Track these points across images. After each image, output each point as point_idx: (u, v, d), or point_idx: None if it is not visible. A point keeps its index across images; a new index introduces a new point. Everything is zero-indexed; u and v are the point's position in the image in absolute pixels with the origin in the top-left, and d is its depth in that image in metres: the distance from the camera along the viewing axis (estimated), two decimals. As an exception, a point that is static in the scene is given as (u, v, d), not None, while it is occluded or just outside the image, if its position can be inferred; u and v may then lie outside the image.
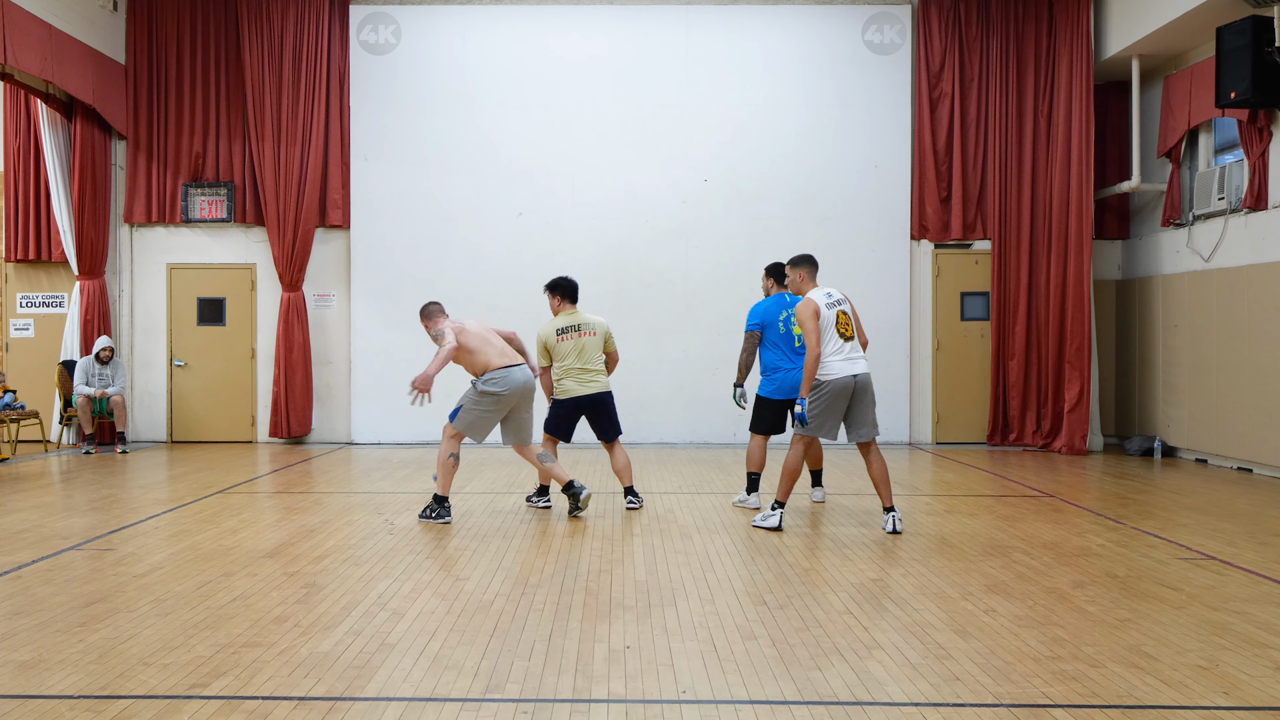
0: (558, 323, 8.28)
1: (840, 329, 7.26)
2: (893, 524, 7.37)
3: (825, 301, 7.29)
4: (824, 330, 7.22)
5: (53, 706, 4.01)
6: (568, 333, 8.23)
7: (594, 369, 8.26)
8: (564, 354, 8.19)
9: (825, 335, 7.21)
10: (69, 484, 10.14)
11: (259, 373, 13.70)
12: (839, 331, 7.25)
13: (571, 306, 8.40)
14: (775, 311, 8.25)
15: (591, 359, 8.25)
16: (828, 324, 7.24)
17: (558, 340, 8.20)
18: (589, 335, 8.26)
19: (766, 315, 8.26)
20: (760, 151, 13.50)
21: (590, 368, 8.24)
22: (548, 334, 8.23)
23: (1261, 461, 10.63)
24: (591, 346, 8.25)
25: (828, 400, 7.22)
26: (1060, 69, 12.99)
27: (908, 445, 13.31)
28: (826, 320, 7.23)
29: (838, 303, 7.34)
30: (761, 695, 4.16)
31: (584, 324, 8.30)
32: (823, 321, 7.22)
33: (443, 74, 13.54)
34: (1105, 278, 13.78)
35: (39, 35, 11.40)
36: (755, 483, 8.47)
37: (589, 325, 8.30)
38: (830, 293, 7.37)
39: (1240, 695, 4.18)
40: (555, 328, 8.24)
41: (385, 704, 4.06)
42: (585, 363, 8.22)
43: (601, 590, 5.80)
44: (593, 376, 8.24)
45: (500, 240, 13.52)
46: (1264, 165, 10.62)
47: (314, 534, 7.39)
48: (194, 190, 13.57)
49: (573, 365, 8.19)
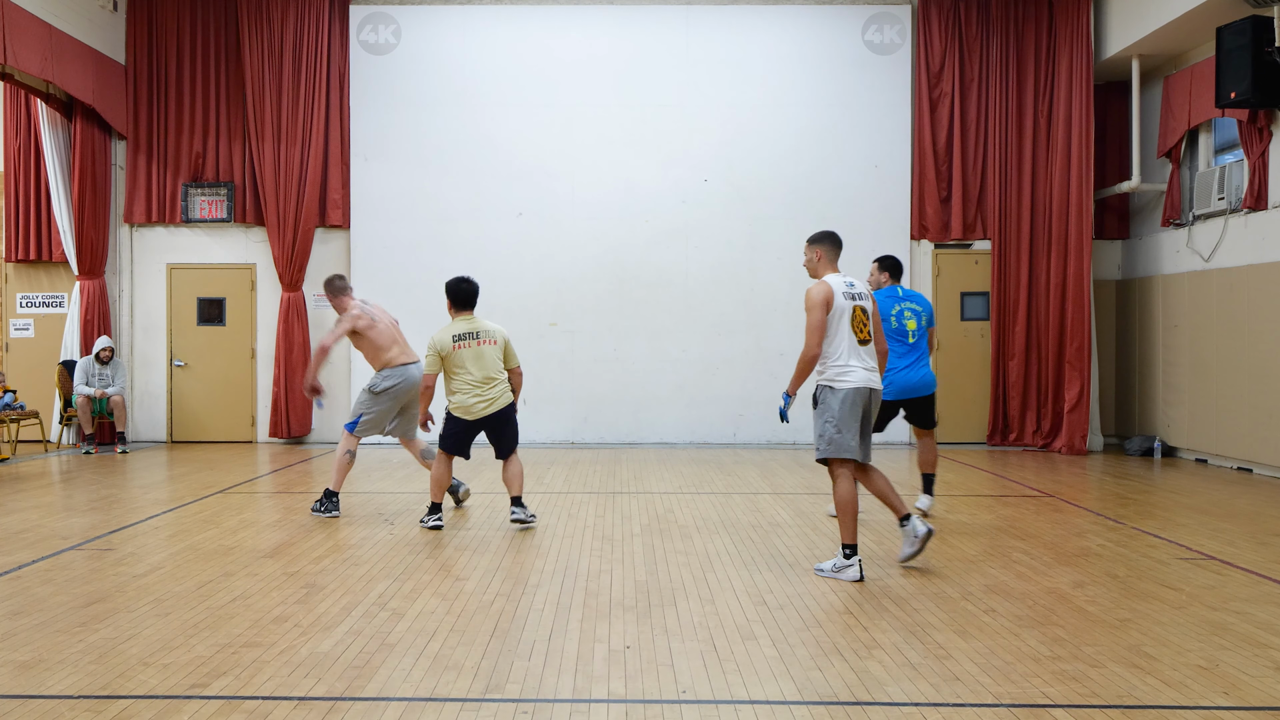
0: (453, 329, 7.49)
1: (855, 327, 6.07)
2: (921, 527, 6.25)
3: (844, 291, 6.09)
4: (835, 324, 6.03)
5: (53, 706, 4.01)
6: (465, 340, 7.46)
7: (497, 379, 7.52)
8: (461, 363, 7.43)
9: (835, 331, 6.04)
10: (69, 484, 10.14)
11: (259, 373, 13.70)
12: (854, 330, 6.07)
13: (468, 313, 7.59)
14: (887, 305, 7.68)
15: (492, 369, 7.49)
16: (840, 317, 6.04)
17: (454, 348, 7.42)
18: (488, 344, 7.50)
19: (881, 309, 7.57)
20: (760, 151, 13.50)
21: (494, 377, 7.50)
22: (442, 340, 7.44)
23: (1261, 461, 10.63)
24: (491, 356, 7.50)
25: (846, 409, 6.02)
26: (1060, 69, 12.99)
27: (908, 445, 13.31)
28: (840, 312, 6.04)
29: (857, 296, 6.14)
30: (761, 695, 4.16)
31: (482, 331, 7.52)
32: (834, 313, 6.03)
33: (443, 74, 13.54)
34: (1105, 278, 13.78)
35: (39, 35, 11.40)
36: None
37: (488, 333, 7.53)
38: (852, 283, 6.17)
39: (1240, 695, 4.18)
40: (451, 334, 7.46)
41: (385, 704, 4.06)
42: (486, 373, 7.47)
43: (601, 590, 5.80)
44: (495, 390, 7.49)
45: (500, 240, 13.52)
46: (1264, 165, 10.61)
47: (314, 534, 7.39)
48: (194, 190, 13.57)
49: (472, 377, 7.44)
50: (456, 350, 7.41)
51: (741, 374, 13.35)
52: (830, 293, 6.05)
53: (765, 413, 13.23)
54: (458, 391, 7.47)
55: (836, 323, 6.05)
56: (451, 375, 7.48)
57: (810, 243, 6.35)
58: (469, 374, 7.43)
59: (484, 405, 7.47)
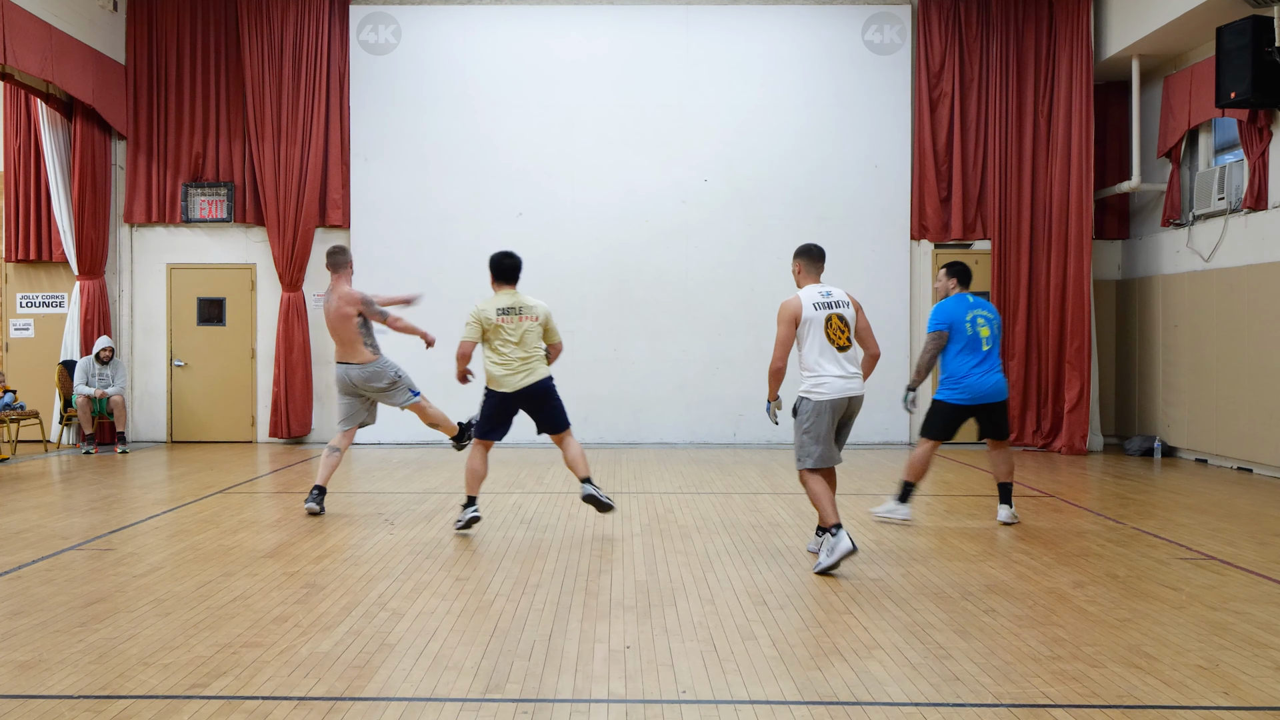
0: (497, 302, 7.39)
1: (832, 335, 6.22)
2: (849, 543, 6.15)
3: (815, 301, 6.26)
4: (808, 336, 6.21)
5: (53, 706, 4.01)
6: (508, 314, 7.35)
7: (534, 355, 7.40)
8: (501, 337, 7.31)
9: (810, 342, 6.22)
10: (69, 484, 10.14)
11: (259, 373, 13.69)
12: (829, 338, 6.21)
13: (511, 287, 7.50)
14: (959, 312, 7.61)
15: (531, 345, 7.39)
16: (813, 328, 6.21)
17: (497, 322, 7.31)
18: (529, 319, 7.39)
19: (953, 315, 7.59)
20: (760, 151, 13.50)
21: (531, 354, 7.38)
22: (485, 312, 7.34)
23: (1261, 461, 10.63)
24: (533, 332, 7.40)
25: (817, 417, 6.20)
26: (1060, 69, 12.99)
27: (908, 445, 13.31)
28: (812, 323, 6.21)
29: (834, 305, 6.28)
30: (761, 695, 4.16)
31: (524, 306, 7.41)
32: (805, 326, 6.22)
33: (443, 74, 13.54)
34: (1105, 278, 13.78)
35: (39, 35, 11.40)
36: (909, 492, 7.79)
37: (530, 309, 7.42)
38: (828, 292, 6.33)
39: (1240, 695, 4.18)
40: (495, 306, 7.36)
41: (385, 704, 4.06)
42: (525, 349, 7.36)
43: (601, 590, 5.80)
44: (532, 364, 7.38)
45: (500, 240, 13.33)
46: (1264, 165, 10.62)
47: (314, 534, 7.39)
48: (194, 190, 13.57)
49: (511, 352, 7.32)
50: (500, 324, 7.30)
51: (741, 374, 13.34)
52: (799, 306, 6.26)
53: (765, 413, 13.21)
54: (496, 364, 7.34)
55: (809, 333, 6.24)
56: (490, 349, 7.35)
57: (793, 257, 6.56)
58: (508, 348, 7.30)
59: (520, 378, 7.31)
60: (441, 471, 10.42)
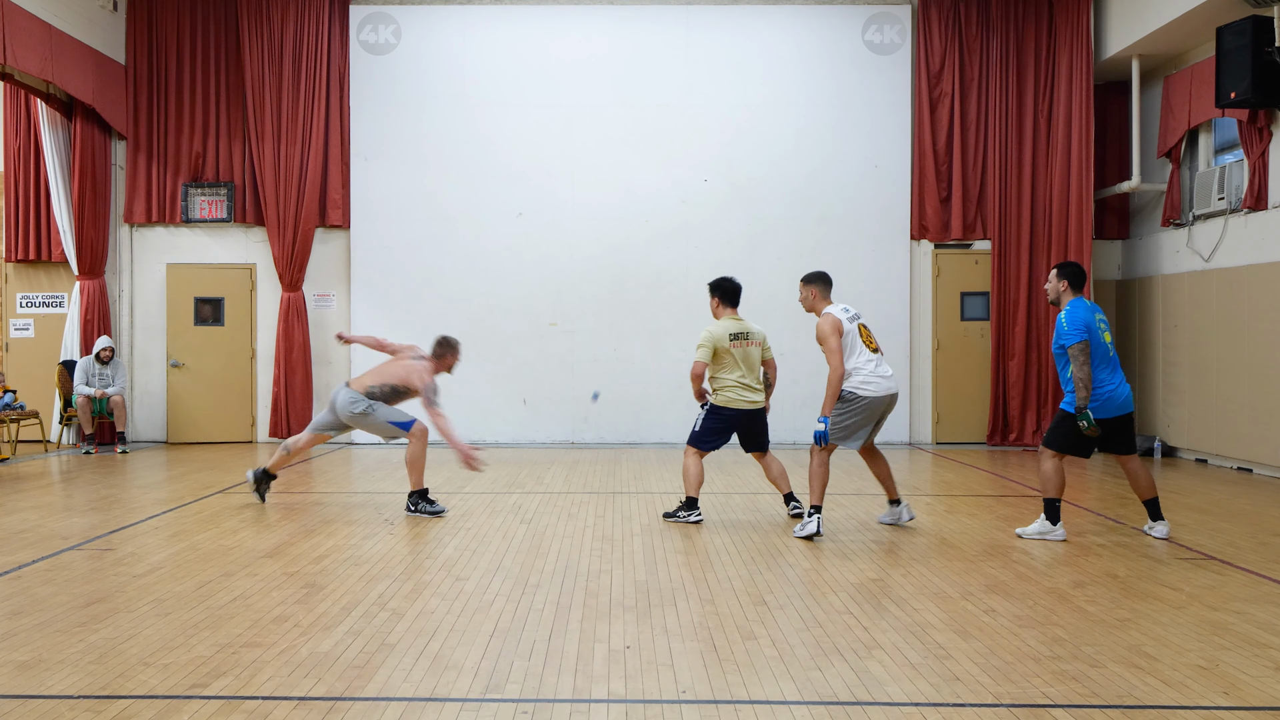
0: (730, 327, 7.79)
1: (866, 342, 7.17)
2: (908, 512, 7.59)
3: (846, 317, 7.20)
4: (851, 345, 7.11)
5: (53, 706, 4.01)
6: (738, 340, 7.75)
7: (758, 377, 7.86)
8: (733, 360, 7.72)
9: (853, 350, 7.10)
10: (69, 484, 10.14)
11: (259, 373, 13.70)
12: (866, 344, 7.16)
13: (733, 310, 7.94)
14: (1089, 317, 7.01)
15: (754, 370, 7.83)
16: (853, 338, 7.14)
17: (731, 345, 7.72)
18: (755, 345, 7.81)
19: (1089, 320, 6.99)
20: (760, 151, 13.50)
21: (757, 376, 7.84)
22: (719, 335, 7.74)
23: (1261, 461, 10.63)
24: (755, 356, 7.82)
25: (863, 414, 7.11)
26: (1060, 69, 12.99)
27: (908, 445, 13.31)
28: (851, 335, 7.14)
29: (855, 316, 7.26)
30: (761, 695, 4.16)
31: (752, 332, 7.83)
32: (847, 337, 7.12)
33: (443, 74, 13.54)
34: (1105, 278, 13.78)
35: (39, 35, 11.40)
36: (1055, 510, 7.18)
37: (754, 335, 7.84)
38: (846, 308, 7.29)
39: (1240, 695, 4.18)
40: (728, 332, 7.76)
41: (385, 704, 4.06)
42: (753, 372, 7.80)
43: (601, 590, 5.80)
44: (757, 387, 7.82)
45: (500, 240, 13.52)
46: (1264, 165, 10.62)
47: (314, 534, 7.39)
48: (194, 190, 13.57)
49: (740, 377, 7.73)
50: (733, 348, 7.74)
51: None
52: (838, 321, 7.14)
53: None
54: (726, 387, 7.76)
55: (851, 343, 7.12)
56: (721, 370, 7.77)
57: (805, 283, 7.40)
58: (738, 370, 7.74)
59: (747, 402, 7.77)
60: (441, 471, 10.42)
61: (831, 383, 7.04)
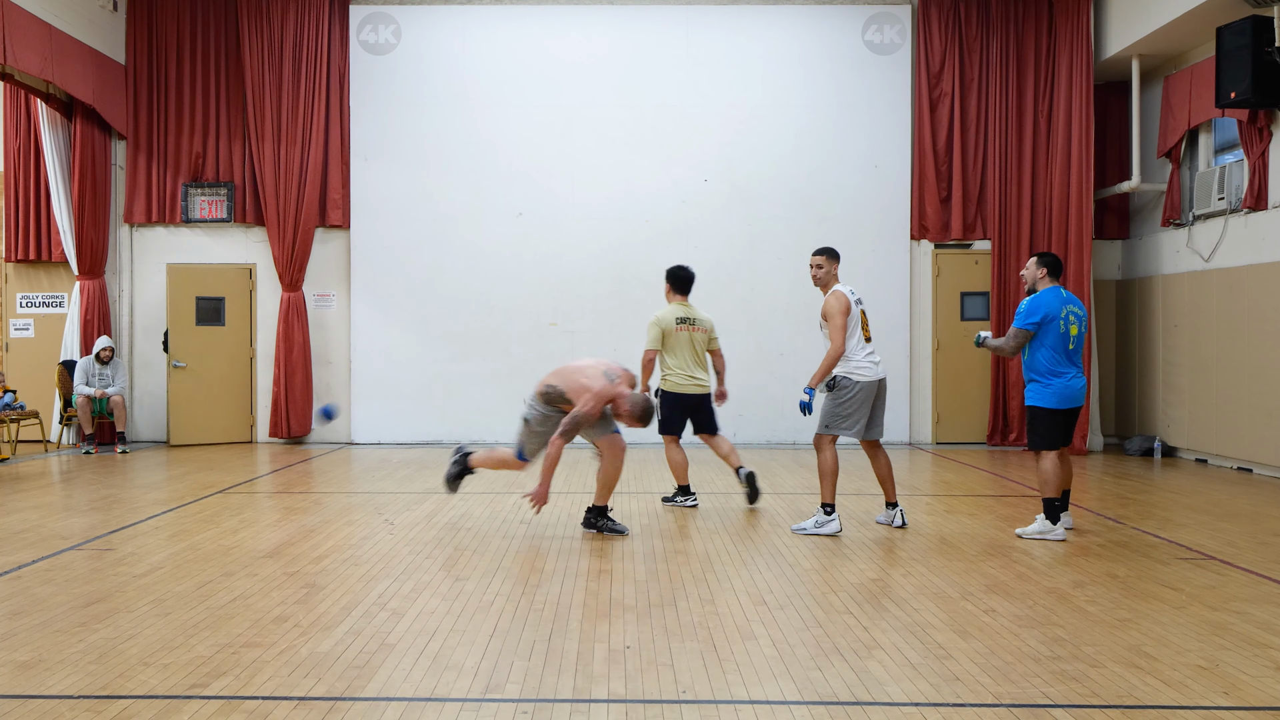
0: (678, 312, 8.45)
1: (864, 327, 7.28)
2: (900, 519, 7.57)
3: (854, 299, 7.29)
4: (852, 329, 7.18)
5: (53, 706, 4.01)
6: (684, 324, 8.38)
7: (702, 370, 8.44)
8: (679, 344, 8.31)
9: (852, 333, 7.18)
10: (69, 484, 10.14)
11: (259, 373, 13.69)
12: (863, 330, 7.28)
13: (683, 298, 8.56)
14: (1056, 307, 7.07)
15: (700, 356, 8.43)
16: (855, 322, 7.22)
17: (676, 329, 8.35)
18: (699, 331, 8.42)
19: (1050, 310, 7.06)
20: (760, 151, 13.50)
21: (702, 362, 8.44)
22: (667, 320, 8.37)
23: (1261, 461, 10.63)
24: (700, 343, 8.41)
25: (860, 400, 7.21)
26: (1060, 69, 12.99)
27: (908, 445, 13.31)
28: (854, 318, 7.21)
29: (859, 301, 7.35)
30: (761, 695, 4.16)
31: (697, 319, 8.44)
32: (852, 319, 7.19)
33: (443, 74, 13.54)
34: (1105, 278, 13.78)
35: (39, 35, 11.40)
36: (1056, 506, 7.18)
37: (700, 321, 8.46)
38: (852, 290, 7.35)
39: (1240, 695, 4.18)
40: (675, 316, 8.41)
41: (385, 704, 4.06)
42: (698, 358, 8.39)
43: (601, 590, 5.80)
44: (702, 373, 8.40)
45: (500, 240, 13.52)
46: (1264, 165, 10.62)
47: (314, 534, 7.39)
48: (194, 190, 13.56)
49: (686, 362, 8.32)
50: (678, 330, 8.30)
51: (741, 374, 13.26)
52: (848, 300, 7.20)
53: (765, 413, 13.24)
54: (674, 372, 8.32)
55: (853, 327, 7.18)
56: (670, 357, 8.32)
57: (825, 256, 7.46)
58: (685, 355, 8.30)
59: (696, 386, 8.31)
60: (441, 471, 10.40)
61: (829, 358, 7.14)
